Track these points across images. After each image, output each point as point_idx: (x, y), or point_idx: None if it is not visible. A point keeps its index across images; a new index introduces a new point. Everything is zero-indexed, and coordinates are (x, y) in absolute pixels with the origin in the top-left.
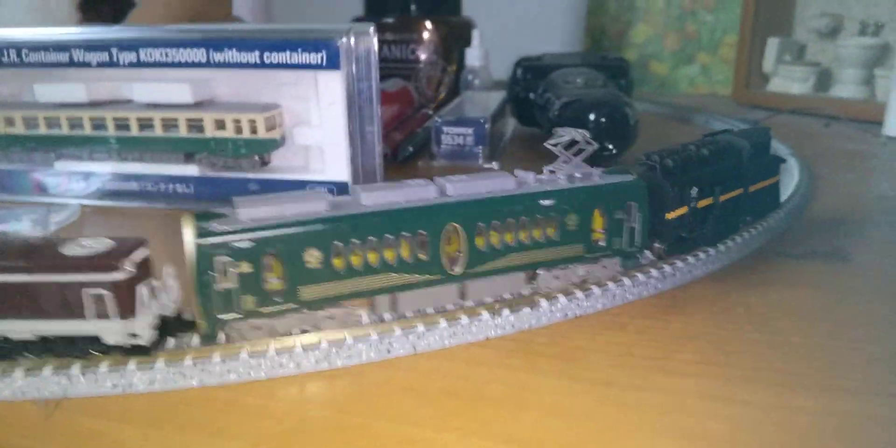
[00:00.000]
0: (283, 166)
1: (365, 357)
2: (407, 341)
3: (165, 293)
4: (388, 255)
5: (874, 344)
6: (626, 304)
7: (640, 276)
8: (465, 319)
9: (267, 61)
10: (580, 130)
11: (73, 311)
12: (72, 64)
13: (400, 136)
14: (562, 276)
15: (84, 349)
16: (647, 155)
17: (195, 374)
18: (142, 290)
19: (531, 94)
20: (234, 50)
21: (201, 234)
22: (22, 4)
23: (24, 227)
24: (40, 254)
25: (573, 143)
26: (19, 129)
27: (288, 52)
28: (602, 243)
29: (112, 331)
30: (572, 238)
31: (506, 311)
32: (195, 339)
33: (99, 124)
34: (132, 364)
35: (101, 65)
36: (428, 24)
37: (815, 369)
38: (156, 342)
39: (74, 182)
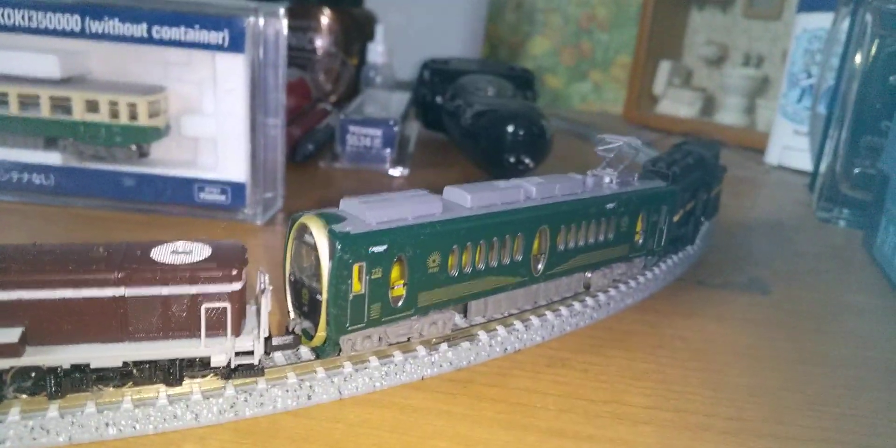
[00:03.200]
0: (164, 159)
1: (280, 405)
2: (331, 385)
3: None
4: (492, 256)
5: (811, 384)
6: (565, 336)
7: (577, 306)
8: (398, 357)
9: (156, 36)
10: (631, 138)
11: (179, 328)
12: None
13: (298, 131)
14: (608, 274)
15: (188, 373)
16: (654, 163)
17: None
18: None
19: (438, 97)
20: (117, 20)
21: (340, 237)
22: None
23: None
24: (130, 262)
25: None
26: None
27: (183, 28)
28: (640, 244)
29: (223, 349)
30: (622, 239)
31: (443, 347)
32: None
33: None
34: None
35: None
36: (327, 12)
37: (762, 417)
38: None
39: None
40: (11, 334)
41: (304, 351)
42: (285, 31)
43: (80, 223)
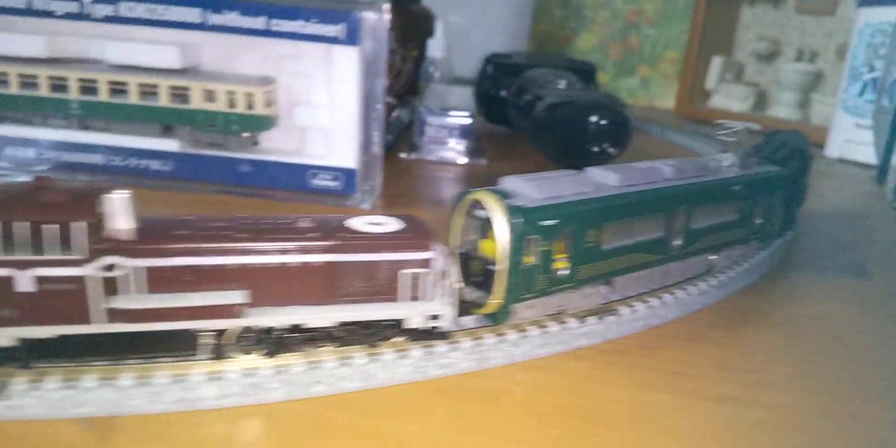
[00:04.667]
0: (271, 148)
1: (460, 367)
2: (500, 350)
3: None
4: (637, 234)
5: None
6: (694, 314)
7: (702, 285)
8: (553, 327)
9: (274, 29)
10: (750, 124)
11: (380, 292)
12: (29, 12)
13: None
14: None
15: (385, 335)
16: (757, 150)
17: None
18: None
19: (502, 91)
20: (237, 13)
21: (515, 211)
22: None
23: None
24: (338, 231)
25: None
26: None
27: (301, 21)
28: (758, 226)
29: (419, 312)
30: (744, 222)
31: (591, 319)
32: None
33: (59, 85)
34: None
35: (67, 16)
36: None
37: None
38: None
39: (19, 150)
40: (237, 296)
41: (466, 320)
42: (388, 24)
43: (198, 207)
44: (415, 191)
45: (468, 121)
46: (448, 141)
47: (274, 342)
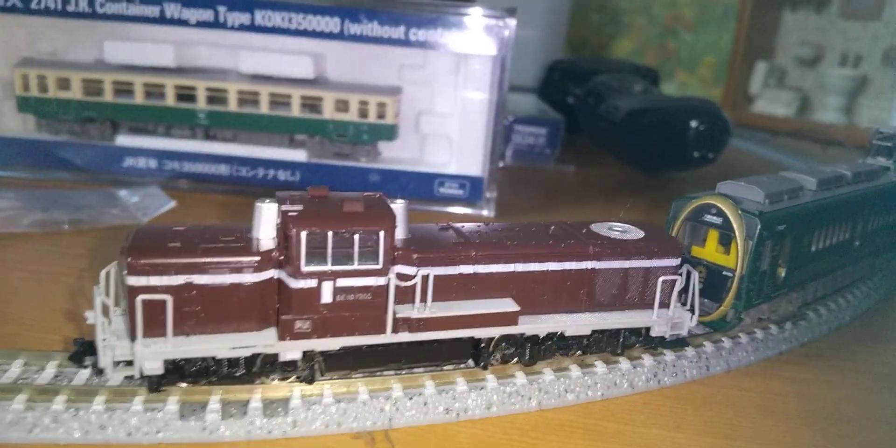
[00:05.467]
0: (392, 157)
1: (688, 374)
2: (721, 357)
3: None
4: (836, 238)
5: None
6: (866, 314)
7: (858, 293)
8: (759, 333)
9: (412, 39)
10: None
11: (632, 299)
12: (163, 20)
13: None
14: None
15: (631, 342)
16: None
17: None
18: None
19: (569, 97)
20: (376, 22)
21: (757, 217)
22: None
23: (120, 212)
24: (594, 238)
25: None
26: (76, 93)
27: (440, 30)
28: None
29: (667, 320)
30: None
31: (787, 324)
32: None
33: (186, 95)
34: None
35: (201, 24)
36: None
37: None
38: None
39: (139, 161)
40: (511, 304)
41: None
42: (513, 33)
43: None
44: (520, 197)
45: (556, 127)
46: (535, 148)
47: (533, 350)
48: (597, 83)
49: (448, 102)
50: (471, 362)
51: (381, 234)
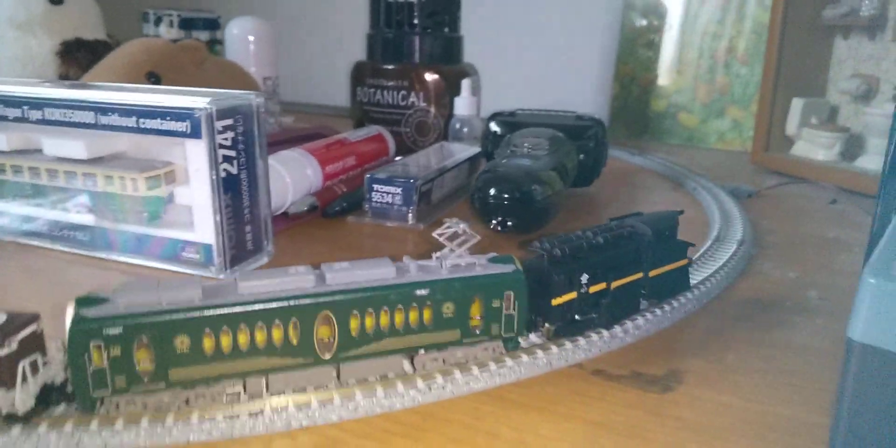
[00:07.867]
0: (171, 221)
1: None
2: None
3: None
4: (259, 339)
5: None
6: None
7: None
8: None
9: (143, 126)
10: (462, 222)
11: None
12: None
13: (343, 189)
14: (441, 357)
15: None
16: (541, 242)
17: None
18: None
19: (497, 151)
20: (116, 115)
21: (77, 320)
22: (5, 52)
23: None
24: None
25: (455, 235)
26: None
27: (159, 120)
28: (479, 329)
29: None
30: (448, 324)
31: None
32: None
33: (17, 170)
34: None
35: (16, 119)
36: (426, 74)
37: None
38: (32, 410)
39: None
40: None
41: None
42: (259, 116)
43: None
44: (318, 256)
45: (411, 187)
46: (393, 206)
47: None
48: (505, 140)
49: (191, 177)
50: None
51: None
